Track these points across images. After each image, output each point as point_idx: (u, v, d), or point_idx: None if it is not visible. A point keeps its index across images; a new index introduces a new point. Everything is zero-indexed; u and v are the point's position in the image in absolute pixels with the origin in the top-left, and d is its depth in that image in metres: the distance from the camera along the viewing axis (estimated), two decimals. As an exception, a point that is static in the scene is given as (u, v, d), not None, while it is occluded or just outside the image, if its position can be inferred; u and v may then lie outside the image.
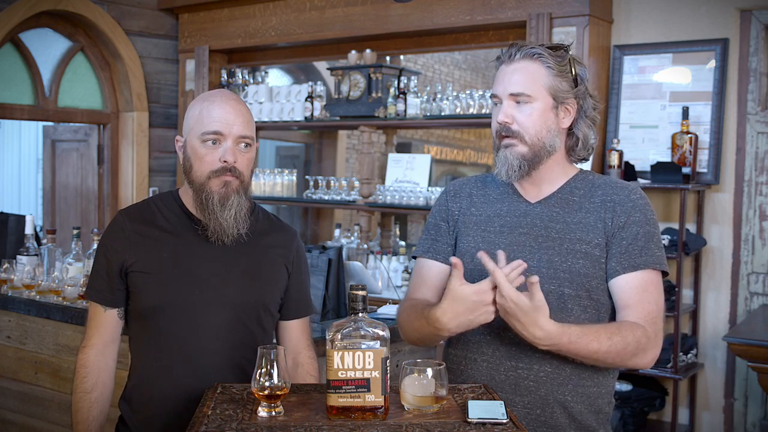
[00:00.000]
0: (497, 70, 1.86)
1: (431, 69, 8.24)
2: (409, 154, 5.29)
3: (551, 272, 1.80)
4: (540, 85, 1.80)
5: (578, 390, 1.80)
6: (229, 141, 1.85)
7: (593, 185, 1.88)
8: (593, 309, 1.82)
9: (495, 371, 1.82)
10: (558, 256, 1.81)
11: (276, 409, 1.52)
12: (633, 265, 1.79)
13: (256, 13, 5.16)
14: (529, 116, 1.81)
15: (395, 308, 3.16)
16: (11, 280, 3.37)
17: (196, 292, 1.87)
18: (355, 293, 1.53)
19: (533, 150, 1.82)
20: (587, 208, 1.84)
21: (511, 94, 1.81)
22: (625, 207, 1.82)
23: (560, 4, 3.99)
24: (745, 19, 3.85)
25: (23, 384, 3.26)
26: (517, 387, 1.80)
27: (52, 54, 5.28)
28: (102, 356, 1.94)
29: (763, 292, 3.85)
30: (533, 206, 1.88)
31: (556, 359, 1.78)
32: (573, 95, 1.83)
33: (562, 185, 1.88)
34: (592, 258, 1.80)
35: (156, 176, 5.58)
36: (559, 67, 1.81)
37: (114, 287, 1.91)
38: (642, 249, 1.81)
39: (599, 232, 1.81)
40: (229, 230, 1.87)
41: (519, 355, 1.80)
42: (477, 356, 1.85)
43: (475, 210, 1.94)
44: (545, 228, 1.84)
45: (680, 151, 3.87)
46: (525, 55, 1.81)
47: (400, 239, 5.28)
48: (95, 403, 1.92)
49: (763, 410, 3.87)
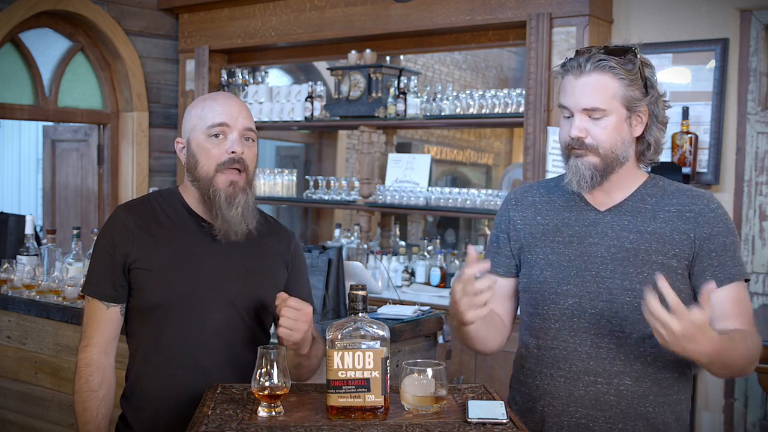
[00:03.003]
0: (563, 79, 1.80)
1: (431, 69, 8.24)
2: (409, 154, 5.30)
3: (626, 284, 1.76)
4: (613, 98, 1.75)
5: (659, 400, 1.78)
6: (235, 132, 1.86)
7: (665, 192, 1.84)
8: None
9: (573, 387, 1.79)
10: (633, 267, 1.76)
11: (276, 409, 1.52)
12: (729, 277, 1.77)
13: (256, 13, 5.16)
14: (604, 130, 1.75)
15: (395, 308, 3.17)
16: (11, 280, 3.37)
17: (197, 289, 1.87)
18: (355, 293, 1.53)
19: (605, 161, 1.77)
20: (662, 218, 1.80)
21: (584, 108, 1.75)
22: (707, 218, 1.78)
23: (560, 4, 3.99)
24: (745, 19, 3.85)
25: (23, 384, 3.26)
26: (597, 402, 1.77)
27: (52, 54, 5.28)
28: (105, 354, 1.91)
29: (763, 292, 3.85)
30: (603, 215, 1.83)
31: (635, 372, 1.76)
32: (645, 102, 1.79)
33: (633, 192, 1.84)
34: (669, 269, 1.76)
35: (156, 176, 5.58)
36: (631, 75, 1.76)
37: (117, 283, 1.89)
38: (732, 260, 1.78)
39: (676, 243, 1.77)
40: (236, 227, 1.87)
41: (597, 370, 1.77)
42: (553, 372, 1.82)
43: (541, 219, 1.89)
44: (617, 238, 1.79)
45: (680, 151, 3.87)
46: (596, 68, 1.74)
47: (400, 239, 5.28)
48: (102, 401, 1.90)
49: (763, 410, 3.87)
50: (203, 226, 1.91)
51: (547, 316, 1.83)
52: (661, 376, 1.78)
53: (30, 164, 7.94)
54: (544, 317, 1.84)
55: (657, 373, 1.77)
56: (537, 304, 1.86)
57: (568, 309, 1.80)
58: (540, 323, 1.85)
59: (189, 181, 1.92)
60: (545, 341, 1.84)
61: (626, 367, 1.76)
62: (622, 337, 1.77)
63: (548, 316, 1.83)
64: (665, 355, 1.75)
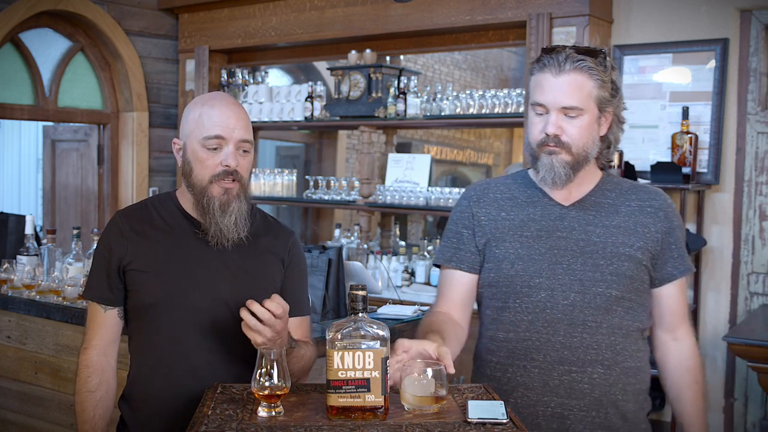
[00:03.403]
0: (539, 75, 1.83)
1: (431, 69, 8.24)
2: (409, 154, 5.29)
3: (598, 275, 1.82)
4: (589, 98, 1.80)
5: (627, 388, 1.85)
6: (230, 145, 1.86)
7: (622, 188, 1.92)
8: (634, 311, 1.87)
9: (548, 377, 1.83)
10: (603, 259, 1.83)
11: (276, 409, 1.52)
12: (687, 268, 1.91)
13: (256, 13, 5.16)
14: (579, 128, 1.81)
15: (395, 308, 3.17)
16: (11, 280, 3.37)
17: (191, 290, 1.88)
18: (355, 293, 1.53)
19: (577, 159, 1.83)
20: (625, 212, 1.88)
21: (563, 107, 1.79)
22: (666, 212, 1.89)
23: (560, 4, 3.99)
24: (745, 19, 3.85)
25: (23, 384, 3.26)
26: (572, 391, 1.82)
27: (52, 54, 5.28)
28: (104, 356, 1.95)
29: (763, 292, 3.85)
30: (568, 210, 1.89)
31: (606, 360, 1.82)
32: (614, 103, 1.85)
33: (593, 189, 1.91)
34: (636, 260, 1.84)
35: (156, 176, 5.58)
36: (604, 76, 1.81)
37: (113, 286, 1.92)
38: (685, 252, 1.91)
39: (640, 236, 1.85)
40: (229, 234, 1.88)
41: (571, 359, 1.82)
42: (526, 363, 1.85)
43: (506, 215, 1.92)
44: (585, 232, 1.86)
45: (680, 151, 3.87)
46: (575, 67, 1.78)
47: (400, 239, 5.28)
48: (100, 402, 1.93)
49: (763, 410, 3.87)
50: (198, 228, 1.92)
51: (519, 308, 1.86)
52: (628, 365, 1.84)
53: (30, 164, 7.94)
54: (515, 310, 1.87)
55: (625, 362, 1.84)
56: (507, 298, 1.88)
57: (541, 301, 1.84)
58: (511, 316, 1.87)
59: (184, 185, 1.94)
60: (517, 333, 1.86)
61: (599, 356, 1.81)
62: (594, 326, 1.82)
63: (520, 309, 1.86)
64: (631, 345, 1.85)
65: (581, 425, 1.81)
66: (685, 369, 1.93)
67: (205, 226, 1.89)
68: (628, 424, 1.85)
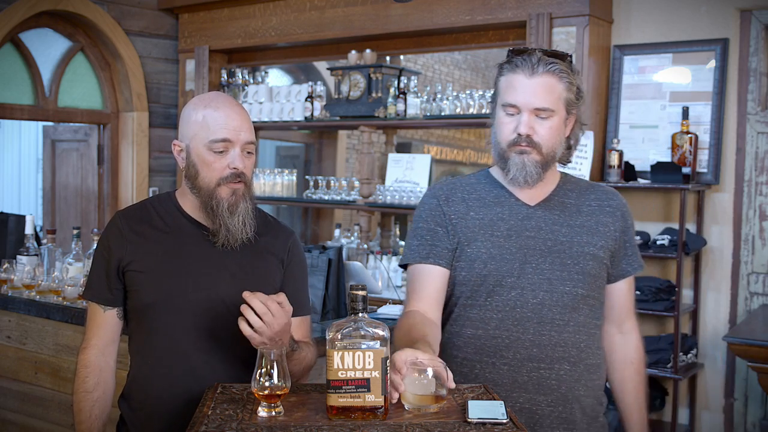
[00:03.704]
0: (510, 76, 1.88)
1: (431, 69, 8.24)
2: (409, 154, 5.29)
3: (565, 274, 1.88)
4: (559, 100, 1.86)
5: (588, 384, 1.91)
6: (237, 148, 1.87)
7: (581, 188, 2.00)
8: (597, 309, 1.95)
9: (517, 373, 1.87)
10: (570, 258, 1.89)
11: (276, 409, 1.52)
12: (640, 265, 2.00)
13: (256, 13, 5.16)
14: (549, 129, 1.86)
15: (395, 308, 3.17)
16: (11, 280, 3.37)
17: (190, 290, 1.88)
18: (355, 293, 1.53)
19: (546, 159, 1.88)
20: (586, 212, 1.95)
21: (536, 108, 1.85)
22: (623, 212, 1.98)
23: (560, 4, 3.99)
24: (745, 19, 3.86)
25: (23, 384, 3.26)
26: (540, 386, 1.87)
27: (52, 54, 5.28)
28: (103, 356, 1.96)
29: (763, 292, 3.85)
30: (534, 209, 1.94)
31: (572, 357, 1.88)
32: (579, 106, 1.92)
33: (554, 189, 1.97)
34: (598, 259, 1.92)
35: (156, 176, 5.58)
36: (571, 79, 1.87)
37: (112, 286, 1.93)
38: (637, 250, 2.01)
39: (602, 235, 1.93)
40: (238, 235, 1.88)
41: (540, 356, 1.86)
42: (496, 360, 1.88)
43: (474, 214, 1.95)
44: (551, 231, 1.91)
45: (680, 151, 3.87)
46: (547, 70, 1.84)
47: (400, 239, 5.28)
48: (97, 402, 1.93)
49: (763, 410, 3.87)
50: (197, 228, 1.92)
51: (489, 307, 1.89)
52: (590, 362, 1.92)
53: (30, 164, 7.95)
54: (485, 308, 1.90)
55: (588, 359, 1.91)
56: (477, 296, 1.91)
57: (511, 300, 1.88)
58: (480, 314, 1.90)
59: (188, 188, 1.93)
60: (486, 331, 1.89)
61: (565, 353, 1.88)
62: (561, 324, 1.88)
63: (490, 307, 1.89)
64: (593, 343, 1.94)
65: (548, 420, 1.87)
66: (629, 361, 2.03)
67: (214, 228, 1.89)
68: (587, 419, 1.92)
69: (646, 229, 4.02)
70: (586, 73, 3.95)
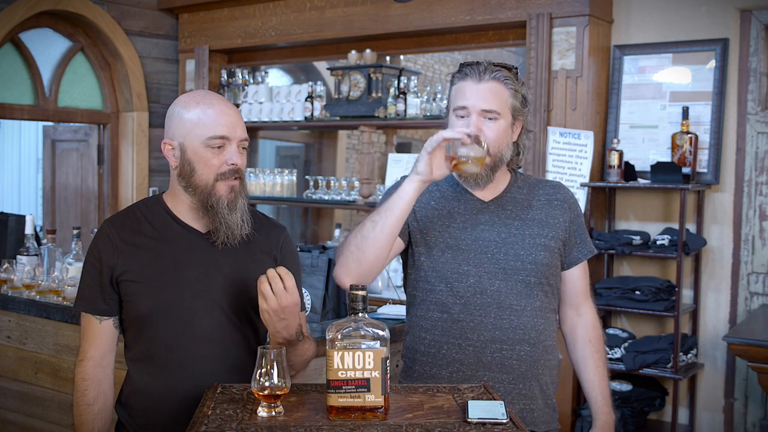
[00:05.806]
0: (460, 84, 2.04)
1: (431, 69, 8.24)
2: (409, 154, 5.29)
3: (519, 264, 2.04)
4: (505, 104, 2.03)
5: (546, 364, 2.09)
6: (234, 144, 1.88)
7: (530, 184, 2.16)
8: (552, 295, 2.12)
9: (482, 354, 2.03)
10: (523, 249, 2.05)
11: (276, 409, 1.52)
12: (590, 250, 2.16)
13: (256, 13, 5.16)
14: (497, 131, 2.01)
15: (395, 308, 3.17)
16: (11, 280, 3.37)
17: (185, 297, 1.87)
18: (355, 293, 1.53)
19: (494, 160, 2.03)
20: (536, 206, 2.11)
21: (483, 110, 2.00)
22: (570, 203, 2.14)
23: (560, 4, 3.99)
24: (745, 19, 3.85)
25: (23, 384, 3.26)
26: (503, 366, 2.03)
27: (52, 54, 5.28)
28: (101, 368, 1.93)
29: (763, 292, 3.85)
30: (488, 204, 2.10)
31: (531, 339, 2.05)
32: (525, 113, 2.09)
33: (506, 187, 2.13)
34: (550, 249, 2.08)
35: (156, 176, 5.58)
36: (516, 87, 2.05)
37: (107, 297, 1.90)
38: (587, 236, 2.17)
39: (552, 226, 2.09)
40: (237, 231, 1.88)
41: (502, 338, 2.03)
42: (461, 341, 2.04)
43: (435, 204, 2.12)
44: (505, 225, 2.08)
45: (680, 151, 3.87)
46: (493, 77, 2.02)
47: (400, 239, 5.26)
48: (99, 414, 1.92)
49: (763, 410, 3.87)
50: (188, 232, 1.91)
51: (452, 292, 2.05)
52: (547, 344, 2.09)
53: (30, 164, 7.95)
54: (446, 293, 2.06)
55: (545, 341, 2.08)
56: (437, 282, 2.07)
57: (471, 287, 2.04)
58: (444, 299, 2.06)
59: (181, 187, 1.91)
60: (451, 315, 2.05)
61: (525, 335, 2.04)
62: (519, 309, 2.04)
63: (453, 293, 2.05)
64: (550, 326, 2.10)
65: (510, 396, 2.03)
66: (588, 340, 2.17)
67: (214, 226, 1.88)
68: (543, 395, 2.09)
69: (646, 229, 4.02)
70: (586, 73, 3.95)
